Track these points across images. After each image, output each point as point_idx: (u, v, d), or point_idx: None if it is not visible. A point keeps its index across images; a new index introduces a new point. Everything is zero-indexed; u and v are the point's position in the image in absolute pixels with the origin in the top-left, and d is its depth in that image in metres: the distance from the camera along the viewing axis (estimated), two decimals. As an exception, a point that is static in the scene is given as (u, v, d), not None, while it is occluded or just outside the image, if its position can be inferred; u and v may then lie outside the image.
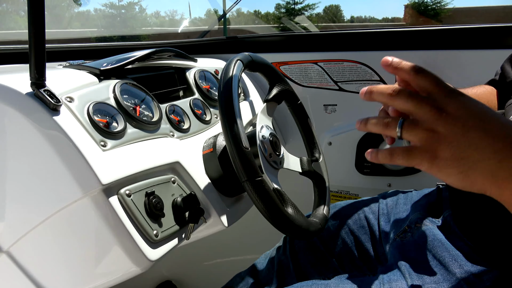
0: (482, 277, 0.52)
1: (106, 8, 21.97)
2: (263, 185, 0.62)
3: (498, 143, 0.36)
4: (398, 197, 0.87)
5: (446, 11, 24.54)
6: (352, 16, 45.18)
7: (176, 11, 17.83)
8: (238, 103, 0.65)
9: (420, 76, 0.41)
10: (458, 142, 0.37)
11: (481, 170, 0.37)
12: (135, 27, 6.00)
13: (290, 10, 27.23)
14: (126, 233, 0.58)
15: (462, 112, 0.38)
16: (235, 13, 5.70)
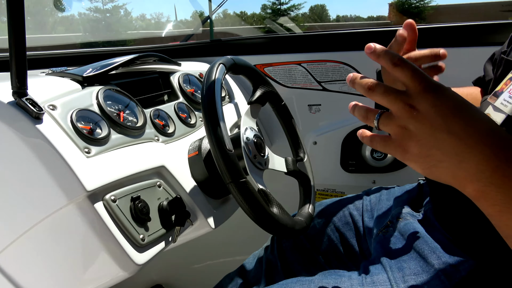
0: (459, 267, 0.55)
1: (91, 12, 21.74)
2: (247, 186, 0.63)
3: (460, 145, 0.38)
4: (381, 194, 0.89)
5: (430, 9, 24.93)
6: (338, 15, 45.53)
7: (162, 13, 17.75)
8: (221, 106, 0.66)
9: (397, 69, 0.41)
10: (425, 141, 0.40)
11: (443, 169, 0.40)
12: (121, 30, 5.95)
13: (276, 10, 27.31)
14: (112, 238, 0.59)
15: (431, 111, 0.39)
16: (221, 15, 5.67)
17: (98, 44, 1.84)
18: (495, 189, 0.37)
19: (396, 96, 0.41)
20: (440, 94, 0.40)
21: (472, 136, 0.38)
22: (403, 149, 0.41)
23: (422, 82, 0.40)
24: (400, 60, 0.41)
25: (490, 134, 0.38)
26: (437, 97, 0.39)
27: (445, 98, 0.40)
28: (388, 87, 0.42)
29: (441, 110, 0.39)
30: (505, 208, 0.37)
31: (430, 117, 0.39)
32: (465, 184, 0.39)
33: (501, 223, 0.39)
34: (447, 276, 0.54)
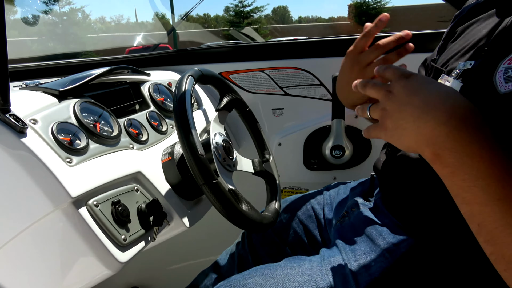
0: (399, 245, 0.65)
1: (46, 15, 20.74)
2: (218, 187, 0.70)
3: (418, 112, 0.45)
4: (339, 188, 0.99)
5: (386, 10, 26.00)
6: (300, 16, 46.35)
7: (122, 15, 17.34)
8: (192, 115, 0.73)
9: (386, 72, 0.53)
10: (396, 116, 0.47)
11: (407, 137, 0.47)
12: (80, 33, 5.78)
13: (239, 13, 27.40)
14: (96, 239, 0.64)
15: (402, 91, 0.47)
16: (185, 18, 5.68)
17: (67, 55, 1.83)
18: (448, 152, 0.43)
19: (381, 87, 0.51)
20: (411, 78, 0.48)
21: (428, 103, 0.44)
22: (384, 128, 0.50)
23: (398, 73, 0.50)
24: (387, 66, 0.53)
25: (444, 101, 0.44)
26: (408, 81, 0.48)
27: (415, 80, 0.48)
28: (376, 82, 0.53)
29: (408, 89, 0.47)
30: (456, 170, 0.42)
31: (400, 96, 0.47)
32: (424, 148, 0.45)
33: (452, 183, 0.44)
34: (390, 253, 0.64)
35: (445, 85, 0.48)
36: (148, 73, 1.12)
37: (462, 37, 0.70)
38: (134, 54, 1.37)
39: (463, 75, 0.61)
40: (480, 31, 0.64)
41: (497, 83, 0.52)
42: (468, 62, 0.61)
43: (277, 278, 0.67)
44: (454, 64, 0.65)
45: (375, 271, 0.63)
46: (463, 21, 0.74)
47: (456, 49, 0.69)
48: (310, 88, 1.33)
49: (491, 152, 0.41)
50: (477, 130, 0.42)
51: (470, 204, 0.43)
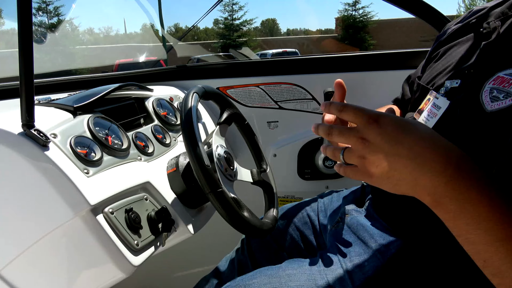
0: (390, 246, 0.72)
1: (35, 26, 20.56)
2: (223, 195, 0.76)
3: (411, 164, 0.45)
4: (333, 196, 1.06)
5: (372, 23, 26.61)
6: (288, 28, 47.00)
7: (111, 27, 17.39)
8: (198, 129, 0.79)
9: (343, 113, 0.50)
10: (382, 166, 0.47)
11: (405, 186, 0.47)
12: (68, 45, 5.79)
13: (228, 26, 27.69)
14: (112, 244, 0.69)
15: (379, 139, 0.46)
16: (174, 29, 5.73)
17: (68, 72, 1.88)
18: (448, 200, 0.44)
19: (349, 133, 0.49)
20: (381, 122, 0.47)
21: (419, 155, 0.44)
22: (368, 174, 0.49)
23: (364, 116, 0.48)
24: (343, 106, 0.50)
25: (436, 150, 0.44)
26: (379, 126, 0.46)
27: (387, 125, 0.46)
28: (342, 128, 0.51)
29: (385, 137, 0.46)
30: (457, 214, 0.44)
31: (379, 145, 0.46)
32: (424, 197, 0.46)
33: (455, 226, 0.45)
34: (381, 253, 0.71)
35: (419, 123, 0.49)
36: (151, 89, 1.19)
37: (444, 58, 0.78)
38: (138, 70, 1.43)
39: (450, 92, 0.67)
40: (460, 53, 0.72)
41: (484, 102, 0.56)
42: (454, 80, 0.67)
43: (280, 278, 0.73)
44: (440, 81, 0.72)
45: (368, 270, 0.70)
46: (445, 43, 0.82)
47: (439, 68, 0.76)
48: (303, 102, 1.41)
49: (489, 195, 0.42)
50: (472, 175, 0.44)
51: (474, 244, 0.44)
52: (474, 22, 0.74)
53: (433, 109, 0.68)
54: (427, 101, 0.73)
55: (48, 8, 20.42)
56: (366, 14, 26.89)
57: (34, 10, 3.47)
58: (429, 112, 0.69)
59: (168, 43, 1.76)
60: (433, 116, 0.67)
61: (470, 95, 0.61)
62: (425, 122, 0.71)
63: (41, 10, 19.47)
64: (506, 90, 0.55)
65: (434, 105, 0.69)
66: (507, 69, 0.57)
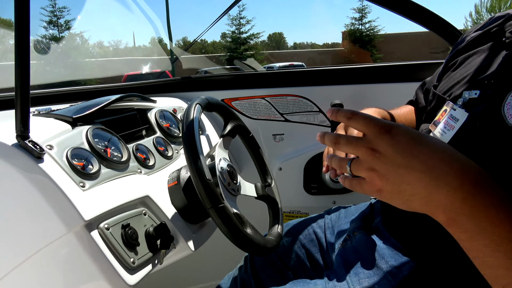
0: (402, 268, 0.67)
1: (45, 39, 21.04)
2: (225, 211, 0.73)
3: (425, 178, 0.41)
4: (340, 212, 1.01)
5: (379, 37, 26.72)
6: (295, 42, 47.43)
7: (120, 40, 17.68)
8: (200, 141, 0.76)
9: (352, 121, 0.47)
10: (393, 179, 0.43)
11: (417, 202, 0.43)
12: (78, 57, 5.85)
13: (235, 39, 28.03)
14: (107, 262, 0.66)
15: (391, 150, 0.43)
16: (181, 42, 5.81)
17: (73, 82, 1.88)
18: (465, 218, 0.40)
19: (358, 143, 0.46)
20: (394, 133, 0.43)
21: (434, 168, 0.41)
22: (377, 188, 0.45)
23: (376, 126, 0.44)
24: (352, 113, 0.47)
25: (453, 164, 0.41)
26: (391, 137, 0.43)
27: (400, 136, 0.43)
28: (349, 137, 0.47)
29: (398, 148, 0.43)
30: (475, 235, 0.40)
31: (391, 156, 0.43)
32: (438, 214, 0.42)
33: (471, 247, 0.41)
34: (393, 276, 0.67)
35: (434, 138, 0.46)
36: (155, 100, 1.17)
37: (462, 67, 0.74)
38: (142, 82, 1.42)
39: (468, 104, 0.62)
40: (480, 62, 0.68)
41: (506, 115, 0.52)
42: (473, 91, 0.62)
43: (283, 301, 0.69)
44: (457, 91, 0.68)
45: (379, 293, 0.65)
46: (463, 52, 0.77)
47: (457, 78, 0.72)
48: (310, 115, 1.37)
49: (509, 213, 0.39)
50: (490, 192, 0.40)
51: (493, 268, 0.40)
52: (495, 31, 0.70)
53: (450, 121, 0.64)
54: (443, 112, 0.69)
55: (59, 22, 20.88)
56: (372, 28, 27.04)
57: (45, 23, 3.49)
58: (446, 124, 0.65)
59: (175, 56, 1.75)
60: (450, 129, 0.63)
61: (490, 107, 0.57)
62: (442, 134, 0.66)
63: (52, 23, 19.90)
64: None
65: (451, 116, 0.64)
66: None
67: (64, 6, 20.53)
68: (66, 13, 20.62)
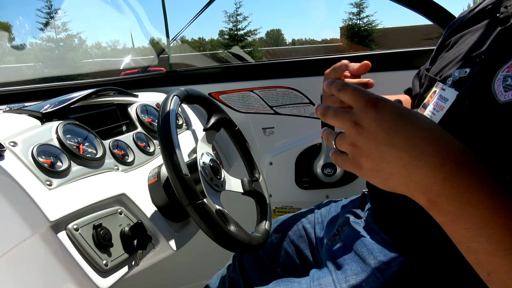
0: (391, 263, 0.63)
1: (43, 41, 21.02)
2: (204, 207, 0.68)
3: (406, 157, 0.39)
4: (331, 206, 0.97)
5: (378, 31, 26.61)
6: (294, 39, 47.26)
7: (118, 41, 17.63)
8: (176, 135, 0.72)
9: (341, 93, 0.45)
10: (373, 156, 0.41)
11: (395, 181, 0.41)
12: (75, 59, 5.84)
13: (233, 36, 27.95)
14: (76, 265, 0.61)
15: (374, 125, 0.41)
16: (179, 41, 5.79)
17: (55, 78, 1.84)
18: (446, 200, 0.38)
19: (344, 116, 0.44)
20: (380, 108, 0.41)
21: (416, 146, 0.39)
22: (357, 165, 0.44)
23: (362, 99, 0.42)
24: (343, 85, 0.45)
25: (434, 143, 0.39)
26: (377, 111, 0.41)
27: (386, 111, 0.41)
28: (336, 109, 0.45)
29: (382, 124, 0.40)
30: (457, 218, 0.38)
31: (374, 132, 0.41)
32: (418, 195, 0.40)
33: (454, 232, 0.39)
34: (381, 272, 0.62)
35: (423, 115, 0.43)
36: (136, 95, 1.12)
37: (455, 47, 0.69)
38: (123, 77, 1.37)
39: (458, 82, 0.59)
40: (473, 41, 0.63)
41: (496, 92, 0.49)
42: (463, 69, 0.59)
43: (265, 302, 0.64)
44: (448, 72, 0.64)
45: (366, 291, 0.61)
46: (456, 32, 0.73)
47: (449, 58, 0.68)
48: (300, 107, 1.33)
49: (492, 195, 0.37)
50: (473, 173, 0.38)
51: (476, 253, 0.38)
52: (490, 8, 0.65)
53: (439, 102, 0.60)
54: (432, 94, 0.64)
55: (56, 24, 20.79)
56: (370, 23, 26.92)
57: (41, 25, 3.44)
58: (435, 106, 0.60)
59: (163, 49, 1.70)
60: (440, 110, 0.59)
61: (480, 84, 0.52)
62: (431, 116, 0.62)
63: (48, 25, 19.81)
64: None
65: (440, 97, 0.60)
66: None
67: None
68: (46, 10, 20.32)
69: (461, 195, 0.37)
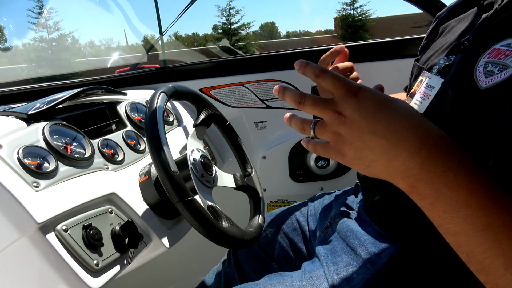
0: (381, 254, 0.63)
1: (36, 42, 20.75)
2: (194, 204, 0.68)
3: (386, 144, 0.40)
4: (324, 199, 0.97)
5: (371, 21, 26.51)
6: (288, 31, 47.02)
7: (112, 39, 17.48)
8: (163, 132, 0.71)
9: (320, 79, 0.43)
10: (356, 144, 0.42)
11: (378, 168, 0.42)
12: (69, 58, 5.79)
13: (227, 30, 27.78)
14: (66, 266, 0.61)
15: (356, 114, 0.41)
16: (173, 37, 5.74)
17: (44, 78, 1.82)
18: (424, 184, 0.39)
19: (325, 105, 0.43)
20: (361, 96, 0.42)
21: (395, 133, 0.40)
22: (341, 153, 0.44)
23: (343, 88, 0.42)
24: (321, 71, 0.43)
25: (413, 130, 0.40)
26: (358, 100, 0.41)
27: (366, 100, 0.41)
28: (316, 98, 0.44)
29: (363, 113, 0.41)
30: (435, 201, 0.39)
31: (356, 121, 0.41)
32: (398, 180, 0.42)
33: (433, 214, 0.41)
34: (372, 263, 0.62)
35: (401, 101, 0.43)
36: (125, 93, 1.11)
37: (443, 36, 0.69)
38: (112, 75, 1.36)
39: (444, 70, 0.58)
40: (460, 29, 0.63)
41: (478, 78, 0.48)
42: (449, 57, 0.59)
43: (256, 297, 0.64)
44: (435, 60, 0.64)
45: (357, 283, 0.61)
46: (444, 20, 0.73)
47: (437, 46, 0.68)
48: (292, 100, 1.32)
49: (468, 178, 0.38)
50: (450, 156, 0.39)
51: (455, 234, 0.40)
52: None
53: (426, 90, 0.59)
54: (419, 83, 0.64)
55: (48, 24, 20.57)
56: (364, 13, 26.81)
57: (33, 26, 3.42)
58: (422, 94, 0.60)
59: (152, 45, 1.69)
60: (426, 98, 0.58)
61: (463, 71, 0.52)
62: (418, 105, 0.61)
63: (41, 26, 19.62)
64: (502, 62, 0.46)
65: (427, 85, 0.60)
66: (505, 39, 0.48)
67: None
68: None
69: (438, 179, 0.39)
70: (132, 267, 0.78)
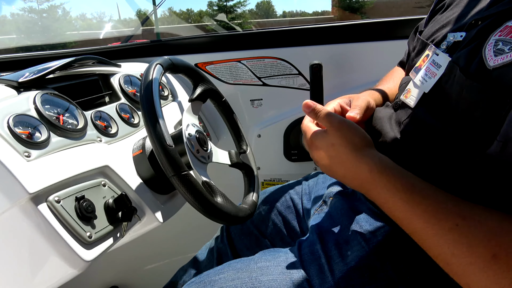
0: (376, 233, 0.63)
1: (25, 12, 20.15)
2: (189, 179, 0.67)
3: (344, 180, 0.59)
4: (318, 178, 0.97)
5: (369, 3, 26.11)
6: (284, 11, 46.25)
7: (104, 12, 17.03)
8: (159, 105, 0.69)
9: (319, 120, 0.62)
10: (322, 165, 0.61)
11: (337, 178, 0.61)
12: (59, 31, 5.63)
13: (222, 7, 27.22)
14: (58, 237, 0.60)
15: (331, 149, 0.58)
16: (167, 13, 5.65)
17: (35, 47, 1.76)
18: (372, 198, 0.55)
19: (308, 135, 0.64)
20: (337, 136, 0.58)
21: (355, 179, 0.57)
22: (315, 160, 0.64)
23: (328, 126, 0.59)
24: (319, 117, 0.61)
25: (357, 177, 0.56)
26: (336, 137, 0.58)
27: (341, 140, 0.57)
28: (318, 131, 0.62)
29: (334, 151, 0.58)
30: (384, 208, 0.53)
31: (329, 153, 0.58)
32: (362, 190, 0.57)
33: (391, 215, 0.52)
34: (366, 241, 0.63)
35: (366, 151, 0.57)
36: (119, 65, 1.08)
37: (450, 9, 0.67)
38: (105, 46, 1.32)
39: (453, 48, 0.57)
40: (468, 2, 0.61)
41: (487, 57, 0.47)
42: (459, 33, 0.57)
43: (250, 272, 0.65)
44: (442, 35, 0.62)
45: (351, 260, 0.62)
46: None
47: (443, 20, 0.65)
48: (289, 78, 1.30)
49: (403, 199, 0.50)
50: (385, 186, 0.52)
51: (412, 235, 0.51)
52: None
53: (432, 68, 0.58)
54: (425, 58, 0.62)
55: (37, -5, 19.87)
56: (362, -6, 26.33)
57: (22, 1, 3.29)
58: (427, 71, 0.58)
59: (147, 17, 1.64)
60: (432, 76, 0.57)
61: (473, 50, 0.50)
62: (422, 83, 0.60)
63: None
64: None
65: (433, 62, 0.58)
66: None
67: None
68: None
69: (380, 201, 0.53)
70: (125, 241, 0.78)
